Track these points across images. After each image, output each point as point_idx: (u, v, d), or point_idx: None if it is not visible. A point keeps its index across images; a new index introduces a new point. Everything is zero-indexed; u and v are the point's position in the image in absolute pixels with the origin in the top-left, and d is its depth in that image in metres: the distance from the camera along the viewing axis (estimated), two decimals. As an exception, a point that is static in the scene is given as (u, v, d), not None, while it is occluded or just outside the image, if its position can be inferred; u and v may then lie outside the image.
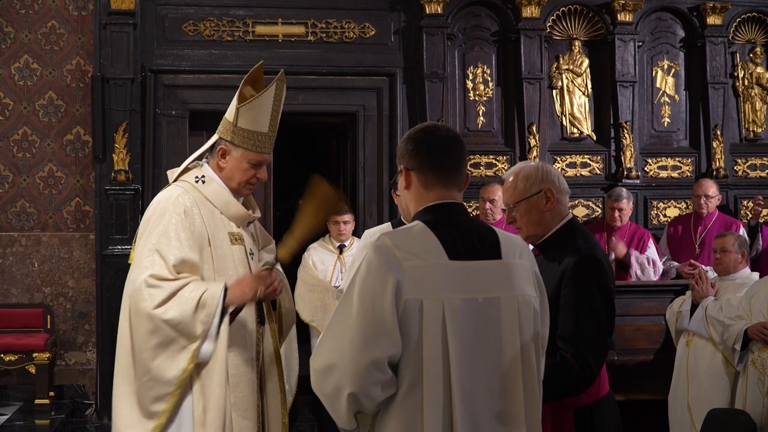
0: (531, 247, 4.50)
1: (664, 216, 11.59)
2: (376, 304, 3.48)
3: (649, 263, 10.18)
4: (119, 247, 10.59)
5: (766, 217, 11.17)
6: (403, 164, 3.81)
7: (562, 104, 11.63)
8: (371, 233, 5.92)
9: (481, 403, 3.57)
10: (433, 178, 3.77)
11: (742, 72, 12.04)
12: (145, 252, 4.78)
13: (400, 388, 3.52)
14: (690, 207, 11.21)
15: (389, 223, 5.97)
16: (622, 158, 11.45)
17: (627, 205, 10.49)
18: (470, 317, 3.56)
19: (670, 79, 11.90)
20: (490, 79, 11.47)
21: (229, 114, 5.19)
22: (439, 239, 3.61)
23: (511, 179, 4.76)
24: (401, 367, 3.51)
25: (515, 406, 3.64)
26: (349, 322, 3.49)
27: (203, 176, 5.12)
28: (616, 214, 10.40)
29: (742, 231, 10.04)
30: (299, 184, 17.31)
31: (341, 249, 10.17)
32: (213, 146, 5.18)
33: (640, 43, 11.72)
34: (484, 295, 3.61)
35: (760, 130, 12.02)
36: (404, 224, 5.72)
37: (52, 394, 10.75)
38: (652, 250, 10.35)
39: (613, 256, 9.87)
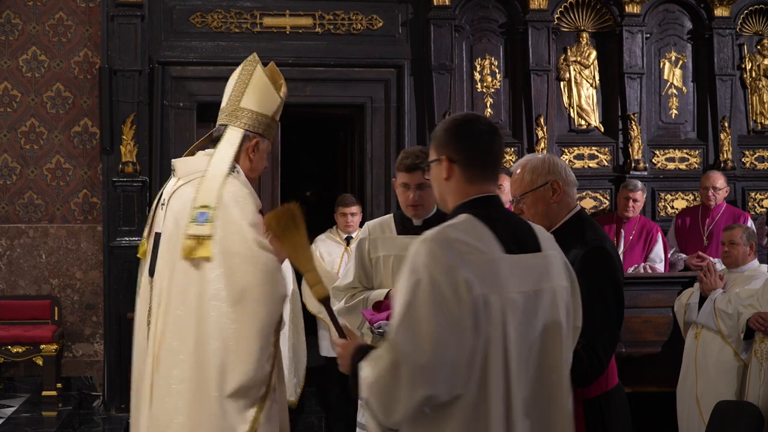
0: None
1: (672, 208, 11.58)
2: (450, 301, 3.42)
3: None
4: (127, 238, 10.59)
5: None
6: (445, 155, 3.75)
7: (569, 96, 11.62)
8: (371, 225, 5.95)
9: (532, 401, 3.58)
10: (477, 172, 3.75)
11: (750, 64, 12.01)
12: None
13: (468, 386, 3.48)
14: (698, 199, 11.19)
15: (391, 215, 5.98)
16: (630, 150, 11.43)
17: (641, 196, 10.47)
18: (525, 311, 3.56)
19: (678, 71, 11.88)
20: (497, 70, 11.45)
21: (265, 107, 5.23)
22: (492, 232, 3.60)
23: (518, 171, 4.77)
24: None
25: (561, 399, 3.70)
26: (421, 320, 3.40)
27: (237, 168, 5.02)
28: (630, 203, 10.37)
29: (750, 223, 10.03)
30: (307, 175, 17.34)
31: (348, 240, 10.17)
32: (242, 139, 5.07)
33: (648, 35, 11.70)
34: (533, 288, 3.61)
35: (767, 122, 12.00)
36: (404, 215, 5.77)
37: (59, 385, 10.77)
38: (659, 246, 10.34)
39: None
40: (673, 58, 11.87)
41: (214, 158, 4.95)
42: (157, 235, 4.84)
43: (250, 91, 5.20)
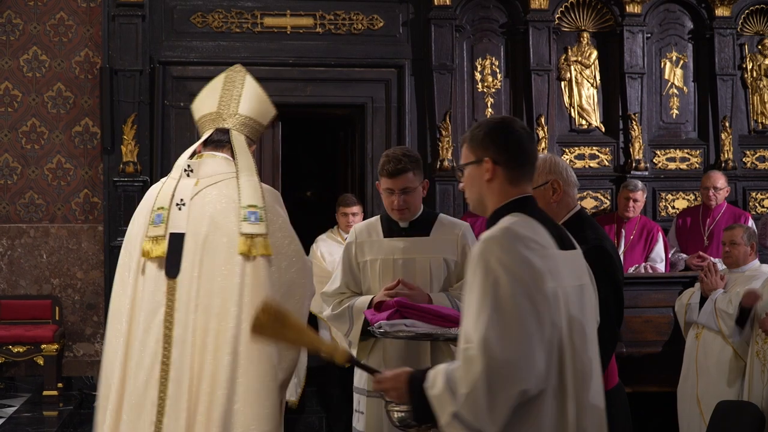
0: None
1: (673, 208, 11.58)
2: (532, 292, 3.48)
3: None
4: (128, 238, 10.59)
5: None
6: (489, 156, 3.75)
7: (570, 96, 11.62)
8: (357, 228, 5.93)
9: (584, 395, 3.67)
10: (520, 174, 3.78)
11: (751, 64, 12.01)
12: None
13: (549, 378, 3.54)
14: (698, 199, 11.19)
15: (377, 217, 5.93)
16: (631, 150, 11.44)
17: (642, 196, 10.48)
18: (578, 304, 3.66)
19: (679, 71, 11.88)
20: (498, 70, 11.46)
21: (262, 116, 5.23)
22: (546, 230, 3.66)
23: None
24: None
25: (600, 395, 3.81)
26: (510, 315, 3.43)
27: None
28: (630, 204, 10.37)
29: (751, 223, 10.02)
30: (307, 175, 17.34)
31: (349, 241, 10.16)
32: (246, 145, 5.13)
33: (649, 35, 11.70)
34: (578, 283, 3.71)
35: (768, 122, 12.02)
36: (391, 218, 5.74)
37: (60, 385, 10.79)
38: (660, 246, 10.34)
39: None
40: (674, 57, 11.87)
41: (240, 161, 4.96)
42: (176, 236, 4.72)
43: (247, 99, 5.11)
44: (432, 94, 11.16)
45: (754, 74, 12.00)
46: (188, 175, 4.87)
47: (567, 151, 11.49)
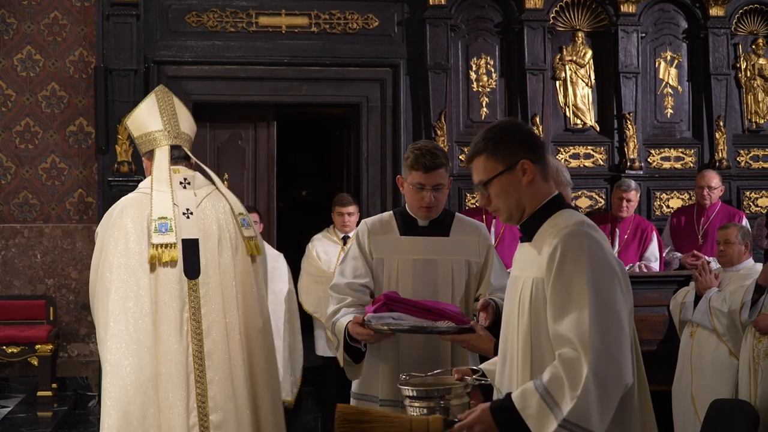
0: None
1: (667, 207, 11.59)
2: (623, 282, 3.56)
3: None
4: (122, 238, 10.58)
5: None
6: (525, 157, 3.75)
7: (565, 95, 11.63)
8: (370, 222, 5.69)
9: None
10: (546, 167, 3.84)
11: (745, 63, 12.03)
12: None
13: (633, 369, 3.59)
14: (693, 198, 11.19)
15: (390, 213, 5.72)
16: (625, 149, 11.44)
17: (635, 196, 10.48)
18: None
19: (673, 71, 11.89)
20: (493, 70, 11.46)
21: (193, 132, 5.76)
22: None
23: None
24: None
25: None
26: (612, 310, 3.48)
27: None
28: (624, 204, 10.38)
29: (745, 222, 10.02)
30: (302, 175, 17.32)
31: (345, 240, 10.17)
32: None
33: (643, 35, 11.71)
34: None
35: (762, 122, 12.01)
36: (406, 212, 5.60)
37: (54, 386, 10.78)
38: (654, 245, 10.35)
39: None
40: (669, 57, 11.88)
41: (210, 174, 5.56)
42: (189, 241, 5.20)
43: (183, 118, 5.61)
44: (427, 93, 11.16)
45: (748, 74, 12.01)
46: (185, 188, 5.35)
47: (562, 150, 11.50)
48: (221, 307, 5.17)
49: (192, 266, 5.18)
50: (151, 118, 5.50)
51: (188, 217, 5.24)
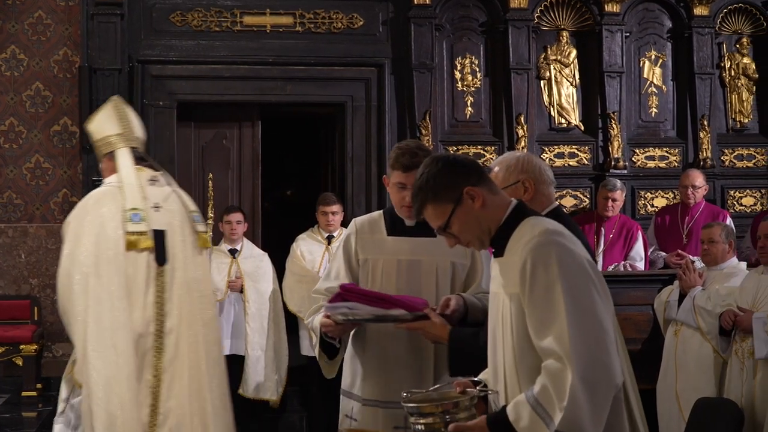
0: None
1: (652, 206, 11.61)
2: (598, 285, 3.55)
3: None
4: (107, 238, 10.56)
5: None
6: (465, 185, 3.79)
7: (550, 95, 11.64)
8: (359, 222, 5.67)
9: None
10: (489, 180, 3.92)
11: (729, 63, 12.05)
12: None
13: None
14: (677, 197, 11.21)
15: (380, 212, 5.68)
16: (610, 148, 11.45)
17: (620, 195, 10.51)
18: None
19: (658, 70, 11.91)
20: (478, 69, 11.47)
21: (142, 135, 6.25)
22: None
23: (495, 169, 4.81)
24: None
25: None
26: (590, 314, 3.47)
27: None
28: (609, 203, 10.40)
29: (729, 221, 10.05)
30: (287, 175, 17.28)
31: (330, 239, 10.17)
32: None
33: (628, 34, 11.73)
34: None
35: (746, 121, 12.04)
36: (396, 215, 5.58)
37: (39, 386, 10.76)
38: (639, 244, 10.37)
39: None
40: (653, 56, 11.90)
41: (166, 175, 6.03)
42: (158, 232, 5.64)
43: (135, 124, 6.13)
44: (412, 92, 11.16)
45: (732, 73, 12.04)
46: (152, 184, 5.83)
47: (546, 149, 11.51)
48: (185, 293, 5.65)
49: (161, 253, 5.64)
50: (109, 123, 5.98)
51: (157, 210, 5.70)
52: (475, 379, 4.09)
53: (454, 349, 4.64)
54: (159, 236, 5.66)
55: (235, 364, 9.91)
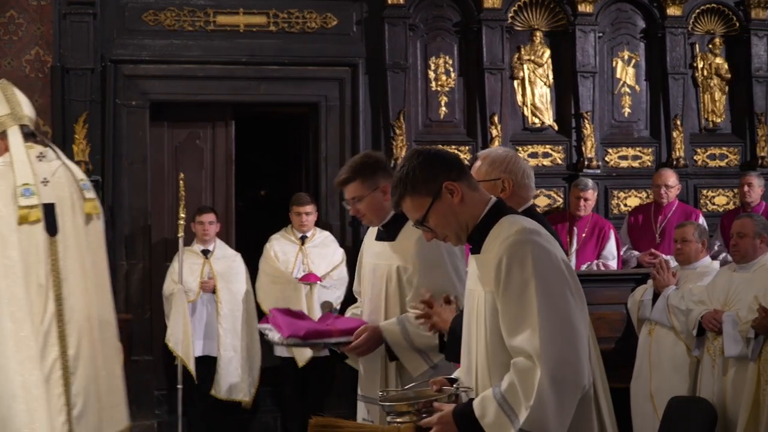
0: None
1: (625, 206, 11.63)
2: (573, 286, 3.56)
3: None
4: (80, 238, 10.51)
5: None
6: (446, 180, 3.80)
7: (523, 95, 11.65)
8: (369, 230, 5.75)
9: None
10: (470, 175, 3.96)
11: (702, 62, 12.09)
12: None
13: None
14: (650, 197, 11.25)
15: None
16: (583, 148, 11.47)
17: (592, 195, 10.56)
18: None
19: (631, 70, 11.94)
20: (452, 69, 11.47)
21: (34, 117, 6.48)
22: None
23: (478, 163, 4.82)
24: None
25: None
26: (562, 313, 3.47)
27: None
28: (582, 203, 10.45)
29: (702, 220, 10.09)
30: (261, 174, 17.22)
31: (303, 240, 10.17)
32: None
33: (601, 34, 11.75)
34: None
35: (719, 120, 12.08)
36: None
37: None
38: (612, 243, 10.42)
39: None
40: (626, 56, 11.93)
41: (56, 148, 6.31)
42: (48, 205, 5.94)
43: (24, 103, 6.31)
44: (386, 92, 11.15)
45: (705, 73, 12.08)
46: (40, 160, 6.11)
47: (520, 149, 11.50)
48: (77, 262, 5.96)
49: (52, 225, 5.96)
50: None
51: (45, 185, 5.99)
52: (451, 377, 4.09)
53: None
54: (49, 209, 5.96)
55: (208, 365, 9.90)
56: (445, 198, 3.76)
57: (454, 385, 3.94)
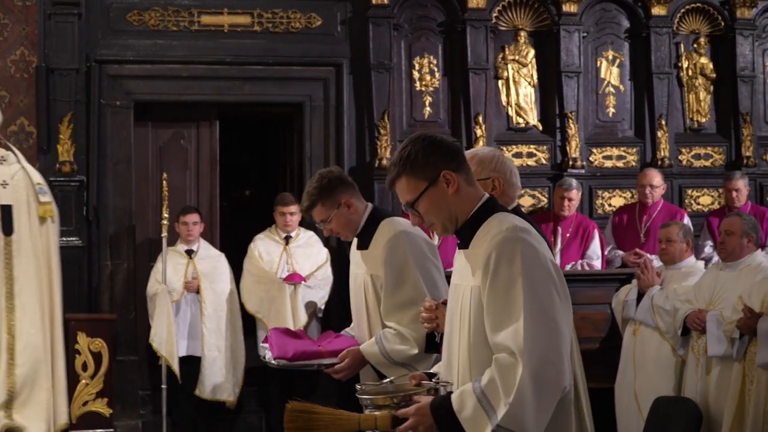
0: None
1: (609, 206, 11.65)
2: (560, 289, 3.55)
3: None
4: (64, 238, 10.45)
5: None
6: (445, 168, 3.79)
7: (508, 95, 11.65)
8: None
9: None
10: (469, 170, 3.93)
11: (687, 62, 12.10)
12: None
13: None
14: (635, 196, 11.26)
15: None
16: (568, 148, 11.48)
17: (576, 195, 10.57)
18: None
19: (615, 70, 11.95)
20: (436, 69, 11.47)
21: None
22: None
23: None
24: None
25: None
26: (548, 312, 3.46)
27: None
28: (566, 203, 10.46)
29: (687, 220, 10.10)
30: (245, 174, 17.24)
31: (287, 240, 10.17)
32: None
33: (585, 34, 11.76)
34: None
35: (704, 120, 12.10)
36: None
37: None
38: (596, 243, 10.43)
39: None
40: (611, 56, 11.94)
41: (17, 151, 6.80)
42: (5, 207, 6.46)
43: None
44: (370, 92, 11.15)
45: (690, 73, 12.09)
46: (1, 164, 6.64)
47: (505, 149, 11.48)
48: (32, 259, 6.42)
49: (7, 226, 6.44)
50: None
51: (4, 188, 6.50)
52: (430, 371, 4.09)
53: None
54: (6, 210, 6.50)
55: (192, 365, 9.89)
56: (440, 186, 3.75)
57: (434, 380, 3.93)
